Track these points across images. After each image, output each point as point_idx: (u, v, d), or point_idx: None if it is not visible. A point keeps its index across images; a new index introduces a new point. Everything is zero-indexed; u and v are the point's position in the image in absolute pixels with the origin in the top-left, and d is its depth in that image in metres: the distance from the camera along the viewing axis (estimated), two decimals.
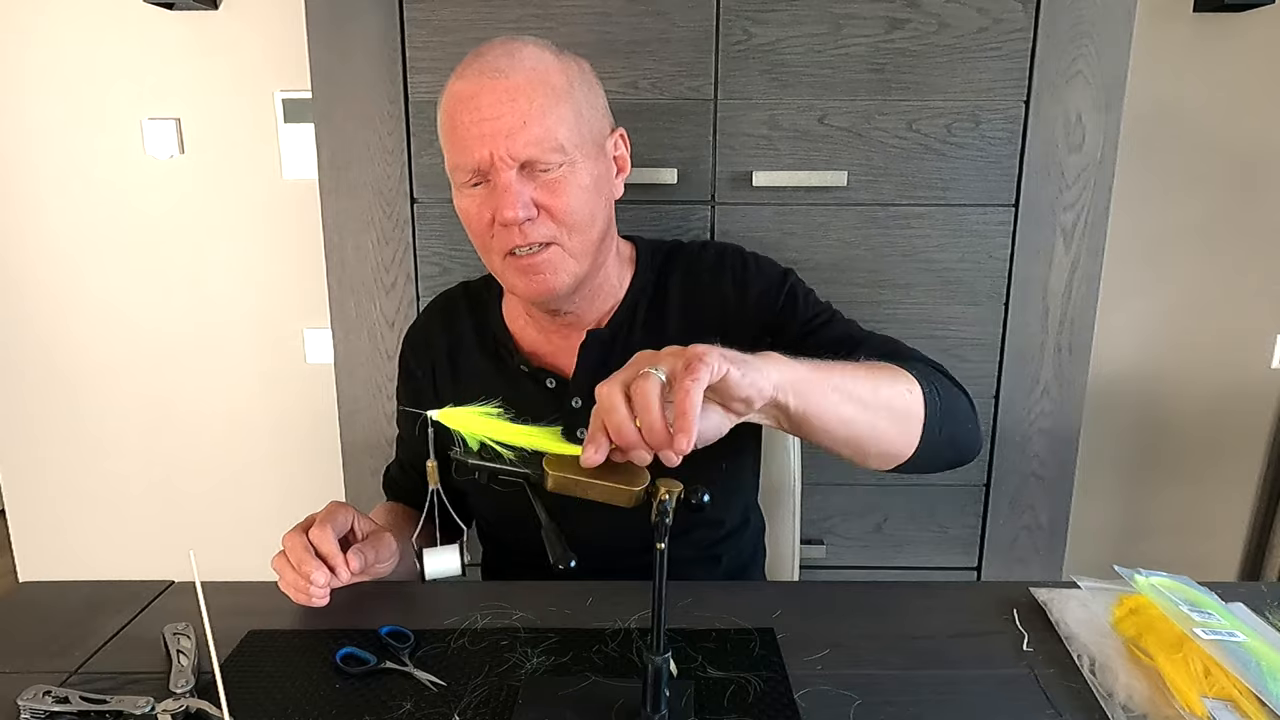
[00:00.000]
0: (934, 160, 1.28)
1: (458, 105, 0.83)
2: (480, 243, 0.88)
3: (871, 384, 0.76)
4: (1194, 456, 1.86)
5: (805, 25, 1.24)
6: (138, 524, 1.93)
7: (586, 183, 0.86)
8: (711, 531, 1.01)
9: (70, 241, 1.78)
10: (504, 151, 0.81)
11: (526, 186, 0.83)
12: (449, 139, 0.85)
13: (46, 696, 0.66)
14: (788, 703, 0.67)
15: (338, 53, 1.27)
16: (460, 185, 0.86)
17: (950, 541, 1.43)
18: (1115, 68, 1.25)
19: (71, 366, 1.85)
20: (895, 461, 0.80)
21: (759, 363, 0.67)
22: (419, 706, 0.68)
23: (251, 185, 1.74)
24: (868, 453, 0.78)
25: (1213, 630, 0.71)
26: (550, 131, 0.82)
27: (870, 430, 0.76)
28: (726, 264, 0.97)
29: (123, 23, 1.66)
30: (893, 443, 0.78)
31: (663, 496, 0.60)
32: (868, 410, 0.75)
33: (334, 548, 0.81)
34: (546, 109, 0.82)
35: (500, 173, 0.82)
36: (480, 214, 0.85)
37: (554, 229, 0.85)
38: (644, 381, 0.61)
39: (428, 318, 1.06)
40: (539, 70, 0.83)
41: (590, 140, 0.87)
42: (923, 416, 0.78)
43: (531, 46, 0.85)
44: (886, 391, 0.77)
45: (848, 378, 0.74)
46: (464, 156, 0.83)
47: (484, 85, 0.82)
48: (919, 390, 0.79)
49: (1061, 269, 1.32)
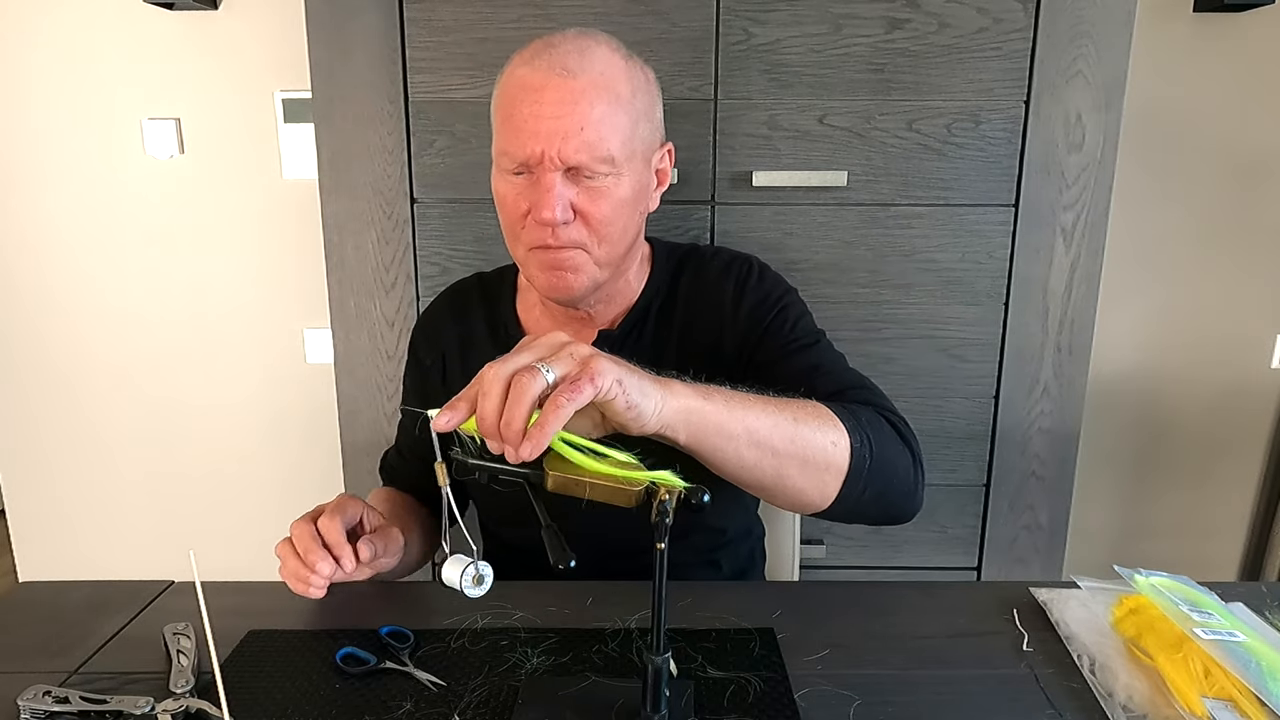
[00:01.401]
0: (934, 160, 1.28)
1: (520, 92, 0.82)
2: (509, 230, 0.89)
3: (790, 431, 0.72)
4: (1194, 456, 1.86)
5: (805, 25, 1.24)
6: (138, 524, 1.93)
7: (626, 195, 0.85)
8: (712, 538, 1.01)
9: (70, 241, 1.78)
10: (556, 152, 0.81)
11: (569, 189, 0.83)
12: (504, 124, 0.84)
13: (46, 696, 0.66)
14: (788, 703, 0.67)
15: (338, 52, 1.27)
16: (502, 169, 0.86)
17: (950, 541, 1.43)
18: (1115, 68, 1.25)
19: (71, 366, 1.85)
20: (807, 510, 0.78)
21: (654, 391, 0.65)
22: (419, 706, 0.68)
23: (251, 185, 1.74)
24: (773, 497, 0.76)
25: (1213, 630, 0.71)
26: (604, 141, 0.82)
27: (775, 477, 0.73)
28: (733, 271, 0.97)
29: (123, 23, 1.67)
30: (802, 492, 0.75)
31: (663, 496, 0.60)
32: (776, 457, 0.72)
33: (341, 538, 0.81)
34: (605, 118, 0.81)
35: (547, 172, 0.82)
36: (517, 203, 0.85)
37: (586, 235, 0.85)
38: (528, 378, 0.60)
39: (440, 307, 1.06)
40: (607, 75, 0.82)
41: (640, 154, 0.86)
42: (845, 471, 0.75)
43: (604, 48, 0.84)
44: (805, 441, 0.73)
45: (763, 420, 0.71)
46: (515, 146, 0.82)
47: (551, 81, 0.81)
48: (846, 443, 0.74)
49: (1061, 269, 1.32)
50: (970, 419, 1.38)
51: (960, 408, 1.37)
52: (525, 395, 0.59)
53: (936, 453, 1.39)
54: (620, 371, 0.63)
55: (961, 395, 1.37)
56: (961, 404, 1.37)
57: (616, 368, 0.63)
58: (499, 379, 0.60)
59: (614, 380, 0.61)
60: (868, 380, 0.89)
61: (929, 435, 1.38)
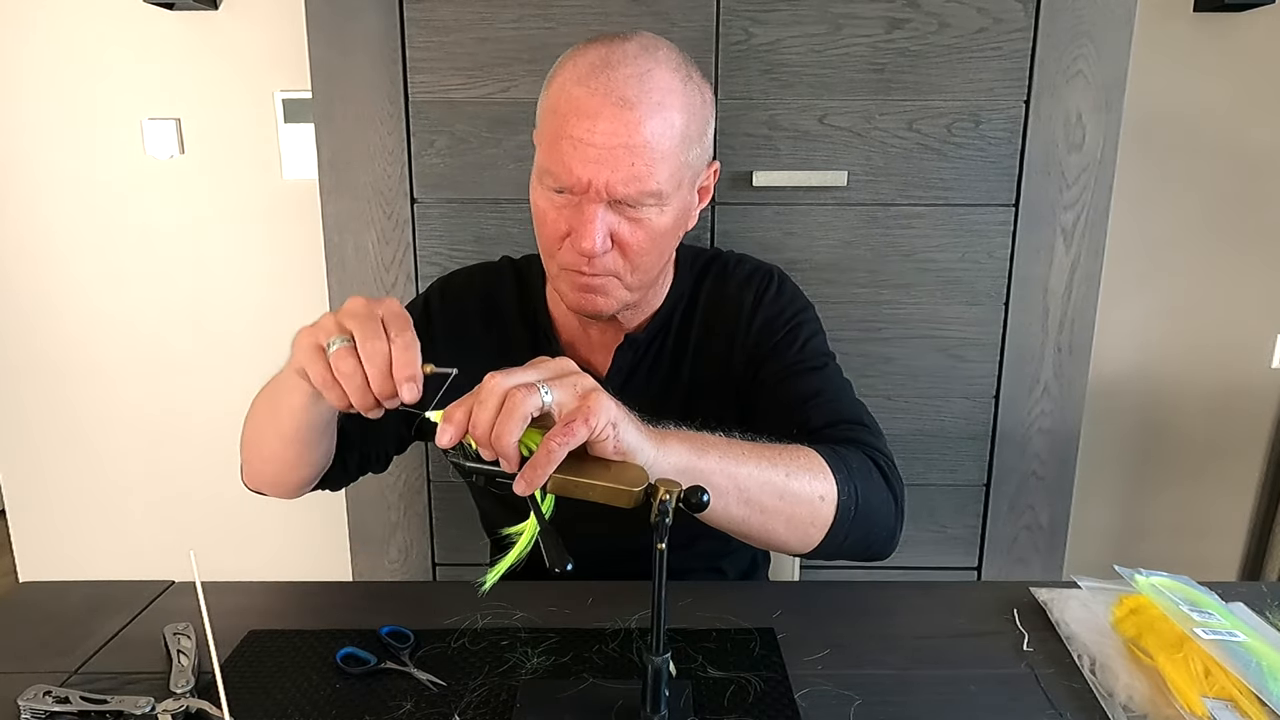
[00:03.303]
0: (934, 160, 1.28)
1: (572, 112, 0.78)
2: (545, 246, 0.86)
3: (780, 487, 0.72)
4: (1194, 457, 1.86)
5: (805, 25, 1.24)
6: (138, 524, 1.93)
7: (668, 224, 0.83)
8: (717, 544, 1.01)
9: (70, 241, 1.78)
10: (604, 184, 0.78)
11: (610, 216, 0.80)
12: (552, 143, 0.79)
13: (46, 696, 0.66)
14: (788, 703, 0.67)
15: (338, 53, 1.27)
16: (545, 184, 0.82)
17: (950, 541, 1.43)
18: (1115, 68, 1.25)
19: (71, 366, 1.84)
20: (786, 553, 0.80)
21: (649, 447, 0.65)
22: (419, 706, 0.68)
23: (251, 185, 1.74)
24: (754, 543, 0.78)
25: (1213, 630, 0.71)
26: (654, 175, 0.78)
27: (761, 531, 0.73)
28: (753, 283, 0.96)
29: (123, 23, 1.67)
30: (785, 543, 0.76)
31: (663, 497, 0.59)
32: (764, 514, 0.72)
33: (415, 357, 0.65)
34: (662, 148, 0.78)
35: (592, 203, 0.79)
36: (555, 223, 0.83)
37: (621, 264, 0.83)
38: (523, 395, 0.59)
39: (470, 276, 1.02)
40: (665, 105, 0.78)
41: (687, 181, 0.84)
42: (829, 524, 0.75)
43: (663, 69, 0.79)
44: (794, 497, 0.73)
45: (754, 478, 0.71)
46: (562, 170, 0.79)
47: (606, 110, 0.76)
48: (834, 497, 0.75)
49: (1061, 269, 1.32)
50: (970, 419, 1.38)
51: (960, 408, 1.37)
52: (516, 411, 0.59)
53: (936, 453, 1.39)
54: (617, 414, 0.63)
55: (961, 395, 1.37)
56: (961, 404, 1.37)
57: (614, 409, 0.62)
58: (496, 391, 0.60)
59: (608, 422, 0.61)
60: (865, 413, 0.88)
61: (929, 435, 1.38)
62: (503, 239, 1.32)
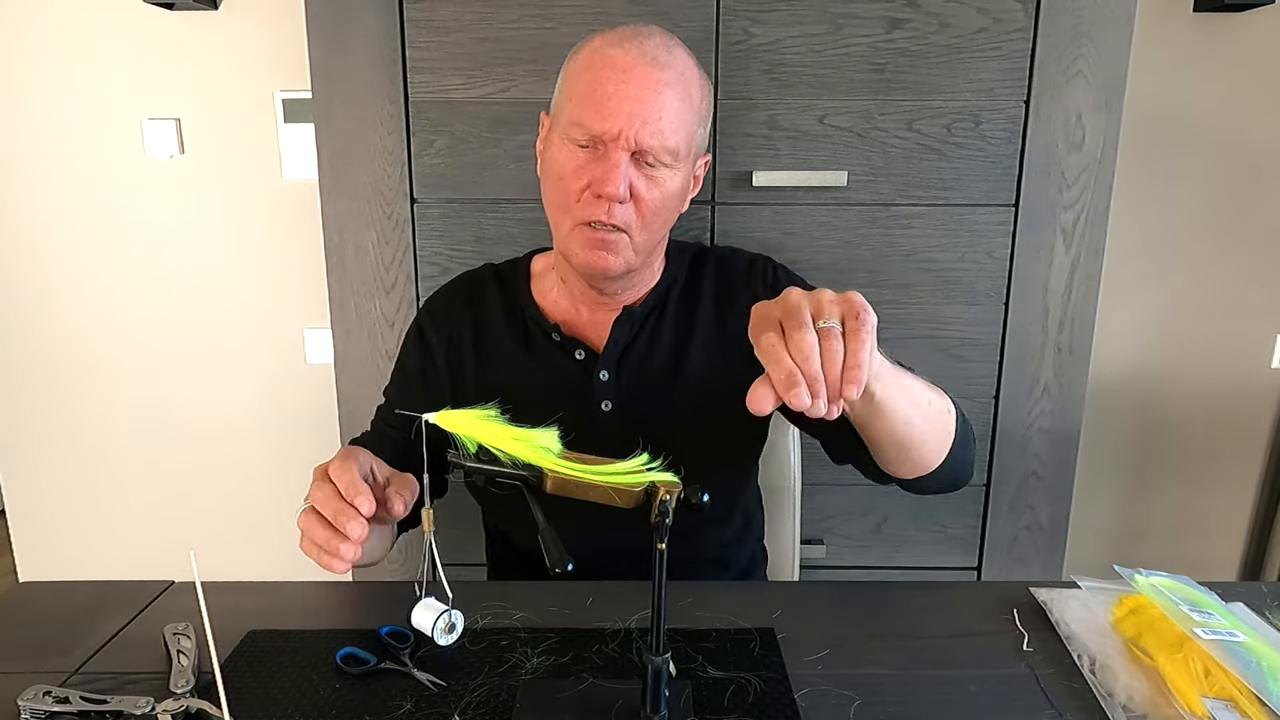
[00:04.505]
0: (934, 160, 1.28)
1: (607, 68, 0.85)
2: (562, 202, 0.91)
3: (926, 395, 0.79)
4: (1194, 457, 1.86)
5: (805, 25, 1.24)
6: (138, 524, 1.93)
7: (676, 189, 0.91)
8: (720, 531, 1.02)
9: (70, 241, 1.78)
10: (633, 133, 0.85)
11: (630, 171, 0.87)
12: (585, 97, 0.86)
13: (46, 696, 0.66)
14: (788, 703, 0.67)
15: (338, 53, 1.27)
16: (568, 139, 0.88)
17: (950, 541, 1.43)
18: (1115, 68, 1.25)
19: (71, 366, 1.84)
20: (923, 470, 0.83)
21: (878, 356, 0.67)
22: (419, 706, 0.68)
23: (251, 185, 1.74)
24: (910, 455, 0.81)
25: (1213, 630, 0.71)
26: (675, 133, 0.87)
27: (920, 436, 0.79)
28: (758, 269, 1.03)
29: (123, 23, 1.66)
30: (931, 451, 0.81)
31: (663, 497, 0.60)
32: (925, 420, 0.78)
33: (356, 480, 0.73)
34: (679, 113, 0.87)
35: (618, 150, 0.86)
36: (577, 176, 0.88)
37: (634, 218, 0.89)
38: (834, 340, 0.59)
39: (454, 289, 1.07)
40: (687, 76, 0.88)
41: (692, 155, 0.92)
42: (953, 436, 0.83)
43: (682, 51, 0.90)
44: (935, 406, 0.80)
45: (913, 383, 0.77)
46: (595, 120, 0.85)
47: (639, 65, 0.85)
48: (955, 412, 0.83)
49: (1061, 269, 1.32)
50: (970, 419, 1.37)
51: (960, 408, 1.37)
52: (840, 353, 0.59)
53: None
54: None
55: (961, 395, 1.36)
56: (961, 404, 1.37)
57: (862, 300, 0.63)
58: (808, 340, 0.59)
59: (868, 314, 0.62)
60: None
61: None
62: (503, 239, 1.32)
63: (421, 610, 0.74)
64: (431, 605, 0.74)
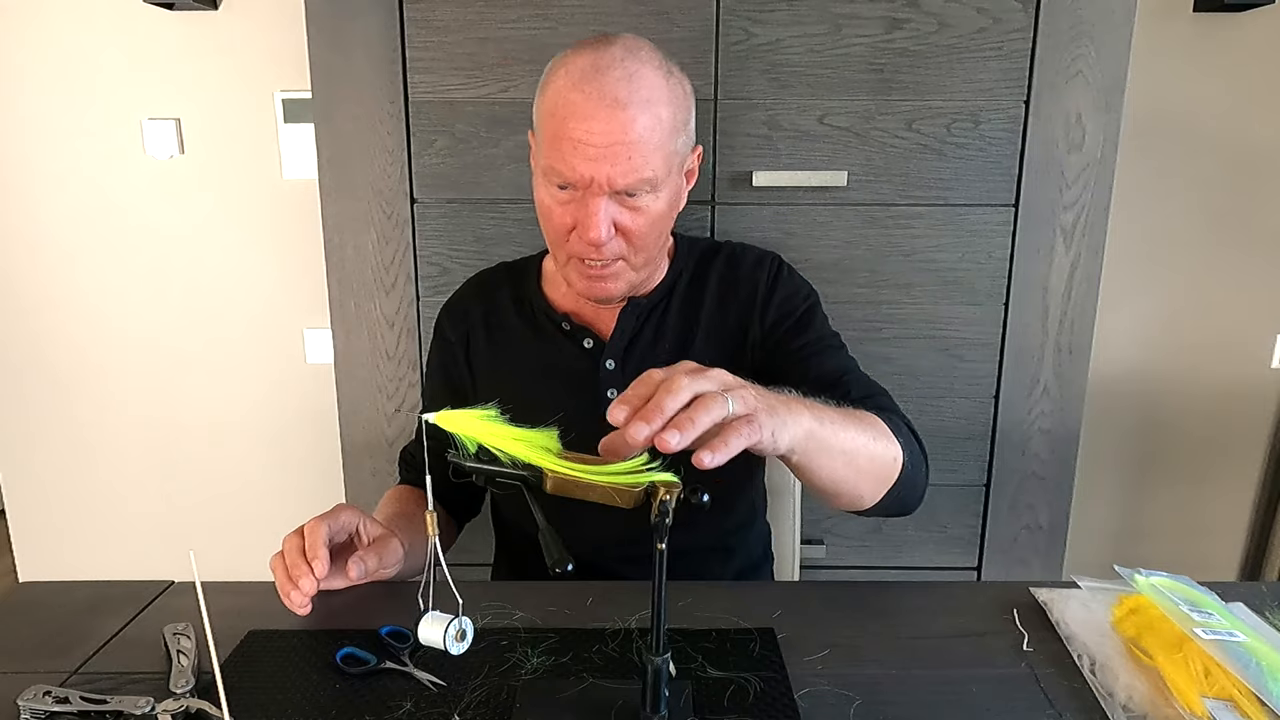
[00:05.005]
0: (934, 160, 1.28)
1: (571, 117, 0.85)
2: (551, 236, 0.93)
3: (871, 450, 0.78)
4: (1194, 456, 1.86)
5: (805, 25, 1.24)
6: (138, 524, 1.93)
7: (664, 208, 0.91)
8: (722, 520, 1.02)
9: (70, 241, 1.78)
10: (604, 179, 0.85)
11: (611, 207, 0.88)
12: (552, 143, 0.87)
13: (46, 696, 0.66)
14: (788, 703, 0.67)
15: (338, 53, 1.27)
16: (549, 182, 0.89)
17: (950, 541, 1.43)
18: (1115, 68, 1.25)
19: (71, 366, 1.84)
20: (854, 509, 0.84)
21: (788, 417, 0.67)
22: (419, 706, 0.68)
23: (251, 185, 1.74)
24: (839, 500, 0.81)
25: (1213, 630, 0.71)
26: (648, 164, 0.86)
27: (851, 488, 0.79)
28: (765, 263, 1.03)
29: (123, 23, 1.66)
30: (860, 498, 0.82)
31: (663, 496, 0.60)
32: (859, 474, 0.78)
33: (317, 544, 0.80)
34: (653, 140, 0.86)
35: (595, 196, 0.87)
36: (561, 218, 0.90)
37: (625, 248, 0.91)
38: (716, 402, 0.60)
39: (468, 288, 1.11)
40: (653, 102, 0.86)
41: (676, 166, 0.91)
42: (894, 482, 0.82)
43: (649, 70, 0.86)
44: (879, 458, 0.79)
45: (856, 439, 0.76)
46: (564, 168, 0.86)
47: (600, 111, 0.84)
48: (902, 459, 0.82)
49: (1061, 269, 1.32)
50: (970, 419, 1.38)
51: (960, 408, 1.37)
52: (712, 412, 0.60)
53: (936, 453, 1.38)
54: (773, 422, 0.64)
55: (961, 395, 1.37)
56: (961, 404, 1.37)
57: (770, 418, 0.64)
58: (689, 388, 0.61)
59: (769, 432, 0.63)
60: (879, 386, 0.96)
61: (929, 435, 1.35)
62: (502, 239, 1.32)
63: (428, 624, 0.71)
64: (438, 617, 0.71)
